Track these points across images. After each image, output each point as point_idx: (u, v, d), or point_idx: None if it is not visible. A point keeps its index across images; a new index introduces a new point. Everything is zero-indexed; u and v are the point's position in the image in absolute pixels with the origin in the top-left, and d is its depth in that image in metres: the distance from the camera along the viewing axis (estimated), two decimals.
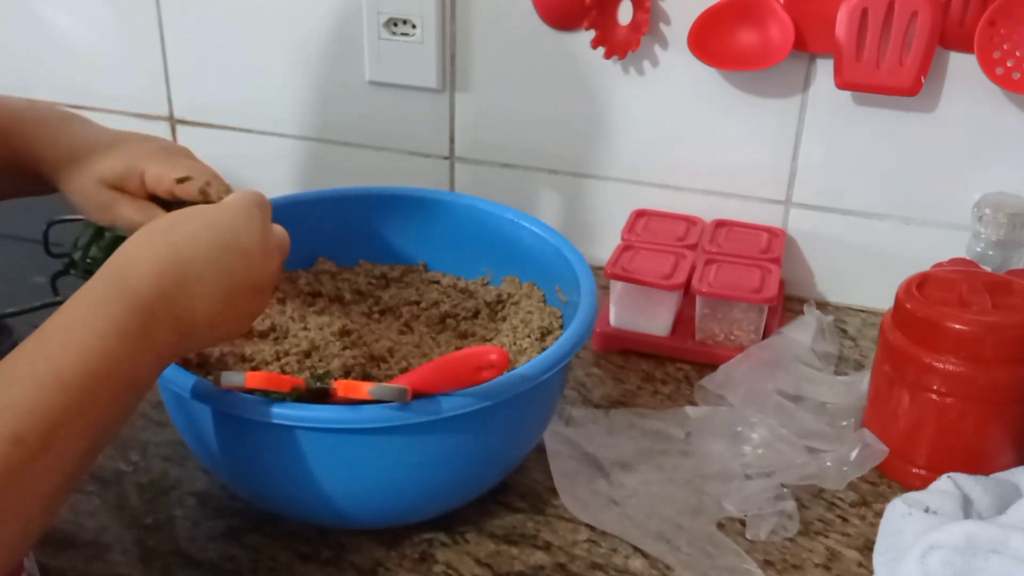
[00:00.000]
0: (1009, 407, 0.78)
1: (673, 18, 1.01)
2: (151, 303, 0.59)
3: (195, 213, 0.65)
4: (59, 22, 1.22)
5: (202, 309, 0.61)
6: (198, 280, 0.61)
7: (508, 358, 0.64)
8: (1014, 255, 0.94)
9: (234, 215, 0.65)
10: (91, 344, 0.55)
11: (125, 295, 0.58)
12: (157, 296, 0.59)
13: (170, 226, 0.63)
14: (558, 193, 1.12)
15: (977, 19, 0.91)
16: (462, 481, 0.73)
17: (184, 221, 0.64)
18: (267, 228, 0.67)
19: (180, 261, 0.61)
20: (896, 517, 0.68)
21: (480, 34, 1.07)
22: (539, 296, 0.87)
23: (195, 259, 0.61)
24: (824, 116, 1.01)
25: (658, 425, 0.85)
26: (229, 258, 0.63)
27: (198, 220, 0.64)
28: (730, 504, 0.77)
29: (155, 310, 0.59)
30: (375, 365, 0.79)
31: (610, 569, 0.73)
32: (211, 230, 0.63)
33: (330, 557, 0.74)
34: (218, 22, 1.16)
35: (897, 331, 0.80)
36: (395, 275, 0.92)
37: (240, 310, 0.64)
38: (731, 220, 1.06)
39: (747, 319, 0.95)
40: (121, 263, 0.60)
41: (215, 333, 0.64)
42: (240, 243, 0.64)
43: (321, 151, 1.18)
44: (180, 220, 0.64)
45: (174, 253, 0.61)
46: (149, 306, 0.58)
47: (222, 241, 0.63)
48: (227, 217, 0.65)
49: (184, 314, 0.61)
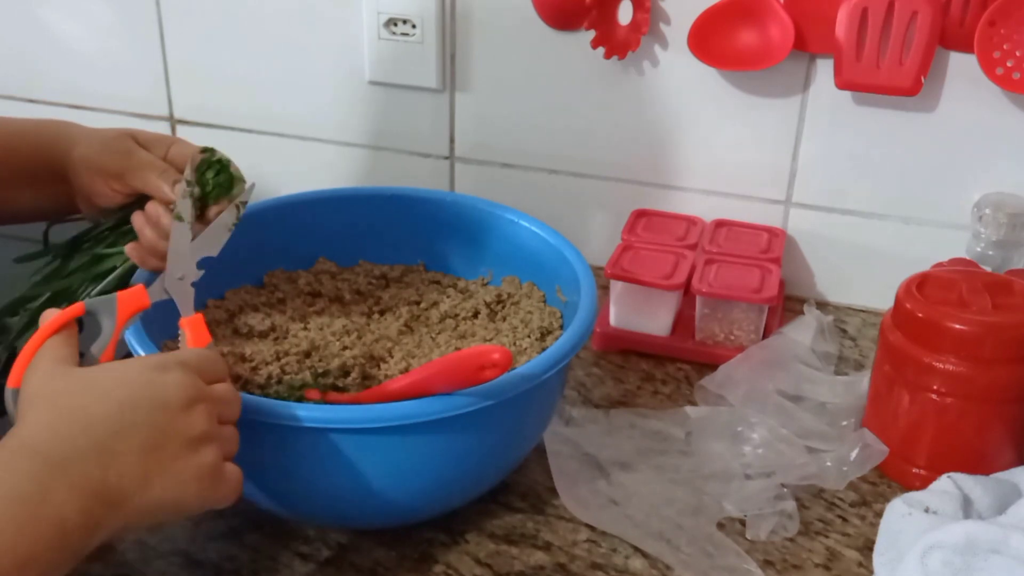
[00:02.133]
0: (1009, 407, 0.78)
1: (673, 18, 1.01)
2: (54, 467, 0.53)
3: (101, 371, 0.60)
4: (59, 23, 1.22)
5: (128, 469, 0.55)
6: (117, 438, 0.55)
7: (511, 357, 0.64)
8: (1014, 255, 0.94)
9: (144, 369, 0.59)
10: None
11: (20, 458, 0.53)
12: (63, 459, 0.53)
13: (76, 388, 0.58)
14: (558, 193, 1.12)
15: (977, 19, 0.91)
16: (462, 481, 0.73)
17: (90, 382, 0.58)
18: (185, 379, 0.59)
19: (92, 419, 0.55)
20: (896, 517, 0.68)
21: (480, 34, 1.07)
22: (539, 296, 0.87)
23: (109, 416, 0.56)
24: (824, 116, 1.01)
25: (658, 425, 0.85)
26: (147, 412, 0.57)
27: (106, 378, 0.59)
28: (730, 504, 0.77)
29: (59, 475, 0.52)
30: (375, 365, 0.79)
31: (610, 569, 0.73)
32: (122, 387, 0.58)
33: (330, 557, 0.74)
34: (218, 22, 1.16)
35: (897, 331, 0.80)
36: (395, 275, 0.92)
37: (179, 467, 0.57)
38: (731, 220, 1.06)
39: (747, 319, 0.95)
40: (22, 427, 0.55)
41: (155, 496, 0.56)
42: (155, 396, 0.58)
43: (321, 151, 1.18)
44: (85, 381, 0.58)
45: (82, 413, 0.56)
46: (50, 470, 0.52)
47: (135, 397, 0.57)
48: (137, 372, 0.59)
49: (105, 476, 0.54)
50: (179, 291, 0.71)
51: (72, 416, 0.56)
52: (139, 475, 0.55)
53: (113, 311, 0.65)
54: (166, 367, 0.60)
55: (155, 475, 0.56)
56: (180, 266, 0.72)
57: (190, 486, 0.58)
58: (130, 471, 0.55)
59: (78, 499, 0.53)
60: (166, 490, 0.57)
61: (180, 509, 0.59)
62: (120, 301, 0.66)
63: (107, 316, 0.65)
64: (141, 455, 0.56)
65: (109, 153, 0.77)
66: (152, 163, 0.76)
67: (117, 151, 0.77)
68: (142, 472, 0.56)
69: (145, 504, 0.56)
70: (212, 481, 0.59)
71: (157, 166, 0.76)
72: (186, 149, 0.77)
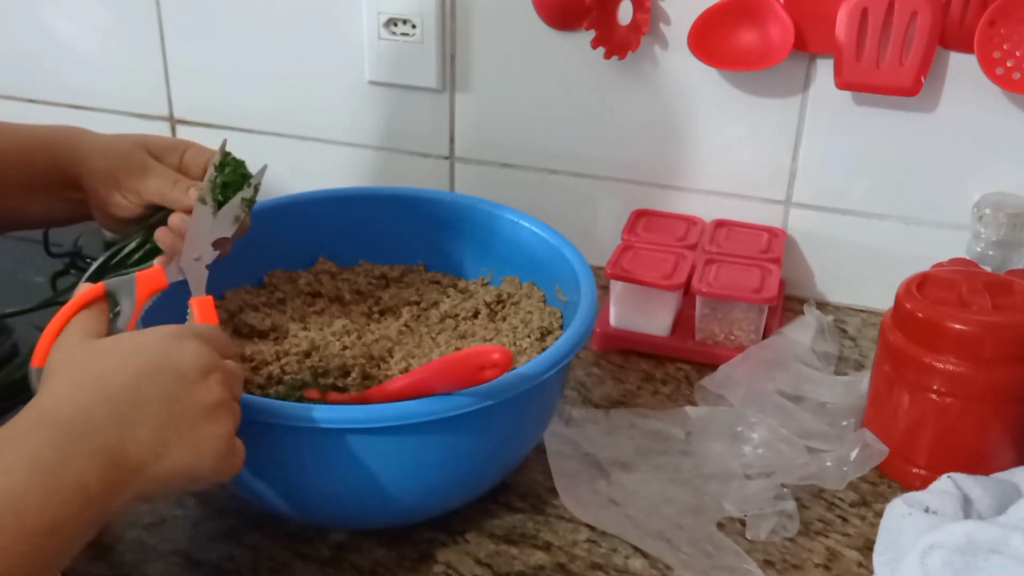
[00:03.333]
0: (1009, 407, 0.78)
1: (673, 18, 1.01)
2: (74, 436, 0.53)
3: (119, 340, 0.60)
4: (59, 23, 1.22)
5: (145, 437, 0.56)
6: (134, 407, 0.56)
7: (511, 357, 0.64)
8: (1014, 255, 0.94)
9: (162, 338, 0.60)
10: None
11: (41, 428, 0.53)
12: (82, 428, 0.54)
13: (94, 358, 0.59)
14: (558, 193, 1.12)
15: (977, 19, 0.91)
16: (462, 481, 0.73)
17: (108, 351, 0.59)
18: (201, 348, 0.60)
19: (110, 390, 0.56)
20: (896, 517, 0.68)
21: (480, 34, 1.07)
22: (539, 296, 0.87)
23: (127, 386, 0.57)
24: (824, 116, 1.01)
25: (658, 425, 0.85)
26: (165, 380, 0.58)
27: (124, 347, 0.59)
28: (730, 504, 0.77)
29: (79, 443, 0.53)
30: (375, 365, 0.79)
31: (610, 569, 0.73)
32: (139, 355, 0.58)
33: (330, 557, 0.74)
34: (218, 22, 1.16)
35: (897, 331, 0.80)
36: (395, 275, 0.92)
37: (196, 436, 0.58)
38: (731, 220, 1.06)
39: (747, 319, 0.95)
40: (43, 398, 0.56)
41: (171, 464, 0.57)
42: (172, 364, 0.59)
43: (321, 151, 1.18)
44: (103, 351, 0.59)
45: (101, 383, 0.57)
46: (70, 439, 0.53)
47: (153, 365, 0.58)
48: (155, 340, 0.60)
49: (123, 445, 0.55)
50: (194, 271, 0.72)
51: (91, 386, 0.56)
52: (156, 443, 0.56)
53: (132, 291, 0.66)
54: (182, 336, 0.61)
55: (172, 443, 0.57)
56: (197, 247, 0.72)
57: (206, 454, 0.58)
58: (147, 439, 0.56)
59: (98, 466, 0.53)
60: (183, 457, 0.57)
61: (195, 477, 0.59)
62: (139, 281, 0.67)
63: (126, 296, 0.66)
64: (158, 424, 0.56)
65: (123, 168, 0.78)
66: (166, 175, 0.77)
67: (131, 165, 0.78)
68: (159, 440, 0.56)
69: (162, 472, 0.57)
70: (227, 450, 0.59)
71: (171, 177, 0.77)
72: (200, 156, 0.78)
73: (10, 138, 0.83)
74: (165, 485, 0.58)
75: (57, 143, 0.82)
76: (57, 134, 0.84)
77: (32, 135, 0.84)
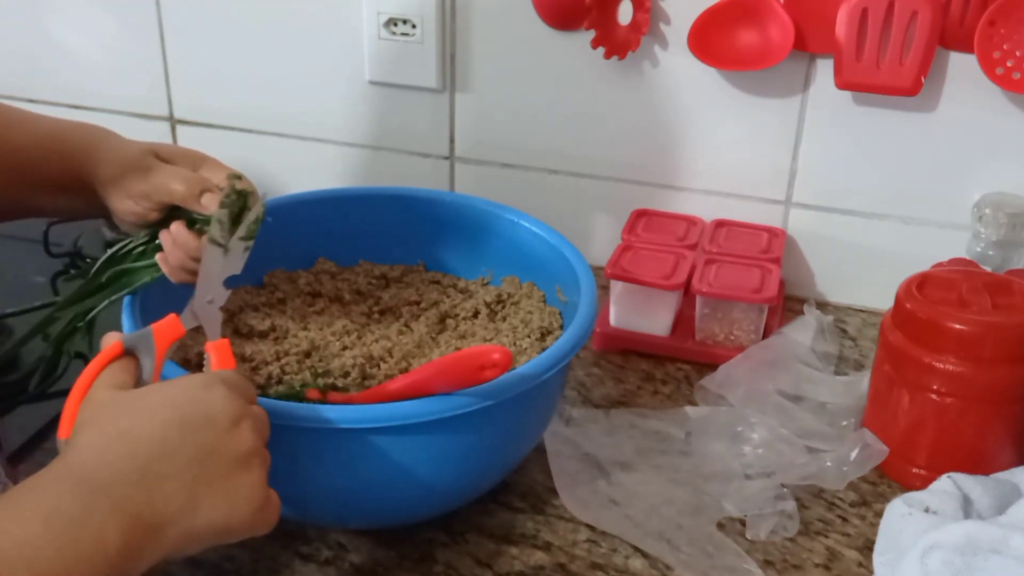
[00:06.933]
0: (1009, 407, 0.78)
1: (673, 18, 1.01)
2: (96, 490, 0.51)
3: (145, 393, 0.59)
4: (60, 23, 1.22)
5: (175, 491, 0.54)
6: (162, 460, 0.54)
7: (511, 357, 0.64)
8: (1014, 255, 0.94)
9: (189, 388, 0.59)
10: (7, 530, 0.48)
11: (64, 481, 0.52)
12: (106, 483, 0.52)
13: (120, 411, 0.57)
14: (558, 193, 1.12)
15: (977, 19, 0.91)
16: (462, 481, 0.73)
17: (135, 404, 0.57)
18: (230, 396, 0.59)
19: (136, 444, 0.54)
20: (896, 517, 0.68)
21: (480, 34, 1.07)
22: (539, 296, 0.87)
23: (154, 439, 0.55)
24: (824, 116, 1.01)
25: (658, 425, 0.85)
26: (194, 431, 0.56)
27: (151, 399, 0.58)
28: (730, 504, 0.77)
29: (101, 497, 0.51)
30: (375, 365, 0.79)
31: (610, 569, 0.73)
32: (166, 407, 0.57)
33: (330, 557, 0.74)
34: (218, 22, 1.16)
35: (897, 331, 0.80)
36: (395, 275, 0.92)
37: (230, 486, 0.56)
38: (731, 220, 1.06)
39: (747, 319, 0.95)
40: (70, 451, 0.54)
41: (204, 517, 0.55)
42: (202, 413, 0.57)
43: (321, 151, 1.18)
44: (130, 404, 0.58)
45: (128, 437, 0.55)
46: (93, 493, 0.51)
47: (181, 416, 0.56)
48: (182, 390, 0.58)
49: (149, 500, 0.53)
50: (208, 315, 0.70)
51: (117, 440, 0.55)
52: (186, 497, 0.54)
53: (151, 344, 0.63)
54: (210, 385, 0.59)
55: (204, 495, 0.55)
56: (210, 289, 0.71)
57: (241, 505, 0.56)
58: (177, 493, 0.54)
59: (120, 521, 0.51)
60: (216, 510, 0.55)
61: (229, 530, 0.56)
62: (156, 333, 0.64)
63: (146, 350, 0.63)
64: (189, 476, 0.54)
65: (131, 174, 0.77)
66: (173, 173, 0.76)
67: (138, 170, 0.77)
68: (190, 493, 0.54)
69: (195, 527, 0.54)
70: (263, 501, 0.58)
71: (178, 175, 0.75)
72: (216, 173, 0.76)
73: (32, 133, 0.82)
74: (198, 540, 0.55)
75: (73, 146, 0.81)
76: (74, 135, 0.82)
77: (52, 132, 0.82)
